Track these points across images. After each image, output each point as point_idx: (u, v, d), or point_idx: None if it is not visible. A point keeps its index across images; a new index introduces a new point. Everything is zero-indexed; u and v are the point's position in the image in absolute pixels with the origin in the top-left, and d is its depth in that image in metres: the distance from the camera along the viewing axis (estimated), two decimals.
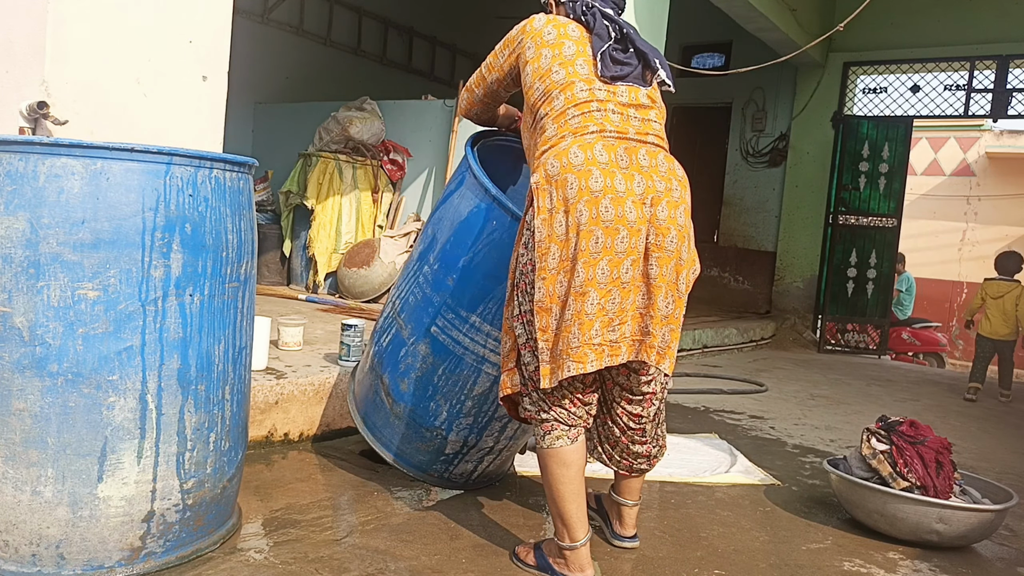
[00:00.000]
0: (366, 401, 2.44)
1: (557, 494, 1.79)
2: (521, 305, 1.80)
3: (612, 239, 1.68)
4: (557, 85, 1.82)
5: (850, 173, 7.50)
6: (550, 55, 1.86)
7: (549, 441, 1.79)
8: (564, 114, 1.79)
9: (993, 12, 6.97)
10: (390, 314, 2.37)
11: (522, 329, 1.80)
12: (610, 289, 1.69)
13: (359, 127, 5.47)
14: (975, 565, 2.19)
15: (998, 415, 4.74)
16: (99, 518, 1.59)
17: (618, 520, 2.06)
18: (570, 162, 1.71)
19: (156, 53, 2.36)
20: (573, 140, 1.75)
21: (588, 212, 1.68)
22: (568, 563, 1.80)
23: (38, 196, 1.51)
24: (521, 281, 1.79)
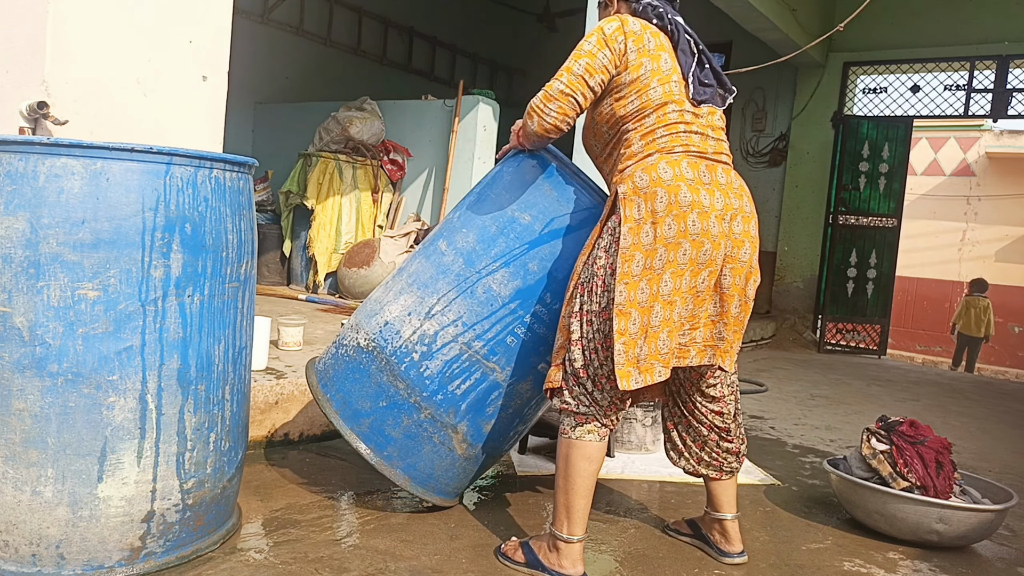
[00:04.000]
0: (413, 454, 2.06)
1: (572, 487, 1.81)
2: (584, 304, 1.83)
3: (697, 251, 1.78)
4: (653, 104, 1.85)
5: (850, 173, 7.50)
6: (650, 67, 1.85)
7: (580, 433, 1.82)
8: (653, 132, 1.85)
9: (993, 12, 6.97)
10: (464, 358, 2.01)
11: (577, 327, 1.83)
12: (688, 298, 1.81)
13: (359, 127, 5.47)
14: (975, 565, 2.19)
15: (998, 415, 4.74)
16: (99, 518, 1.59)
17: (723, 537, 2.03)
18: (659, 176, 1.79)
19: (156, 53, 2.36)
20: (660, 157, 1.83)
21: (677, 225, 1.76)
22: (562, 556, 1.82)
23: (38, 196, 1.51)
24: (591, 282, 1.82)
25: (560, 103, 1.86)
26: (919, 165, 13.42)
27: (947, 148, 13.47)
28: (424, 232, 5.54)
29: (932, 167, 13.60)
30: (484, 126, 5.43)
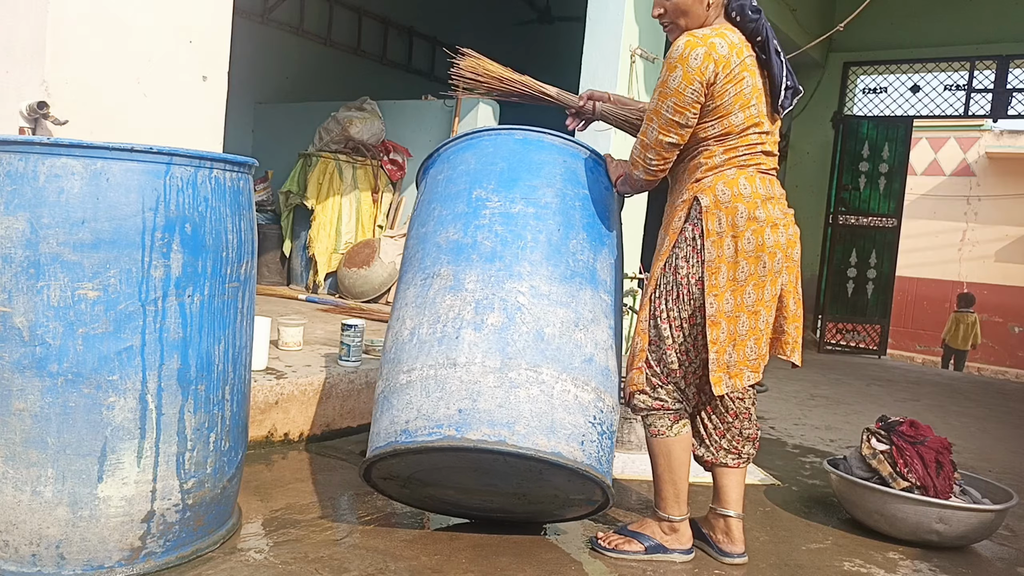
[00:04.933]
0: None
1: (679, 476, 1.98)
2: (671, 311, 1.94)
3: (772, 261, 1.91)
4: (736, 129, 1.90)
5: (850, 173, 7.50)
6: (732, 93, 1.86)
7: (677, 429, 1.99)
8: (735, 149, 1.92)
9: (993, 12, 6.97)
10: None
11: (669, 332, 1.94)
12: (772, 306, 1.96)
13: (359, 127, 5.47)
14: (975, 565, 2.19)
15: (998, 415, 4.74)
16: (99, 518, 1.59)
17: (726, 536, 2.05)
18: (740, 192, 1.89)
19: (156, 53, 2.36)
20: (739, 172, 1.91)
21: (755, 240, 1.88)
22: (680, 535, 2.01)
23: (38, 196, 1.51)
24: (676, 289, 1.93)
25: (657, 151, 1.92)
26: (919, 165, 13.41)
27: (947, 148, 13.47)
28: None
29: (932, 167, 13.60)
30: (484, 126, 5.43)
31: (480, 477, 1.89)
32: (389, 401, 1.88)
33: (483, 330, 1.81)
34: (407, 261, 2.08)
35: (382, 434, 1.86)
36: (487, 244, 1.91)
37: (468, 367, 1.78)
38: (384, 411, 1.89)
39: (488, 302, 1.84)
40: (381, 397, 1.93)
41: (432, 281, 1.92)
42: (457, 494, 2.01)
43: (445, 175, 2.11)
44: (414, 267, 2.01)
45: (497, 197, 1.97)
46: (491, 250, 1.90)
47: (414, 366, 1.84)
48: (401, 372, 1.87)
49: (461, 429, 1.73)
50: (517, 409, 1.75)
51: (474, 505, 2.07)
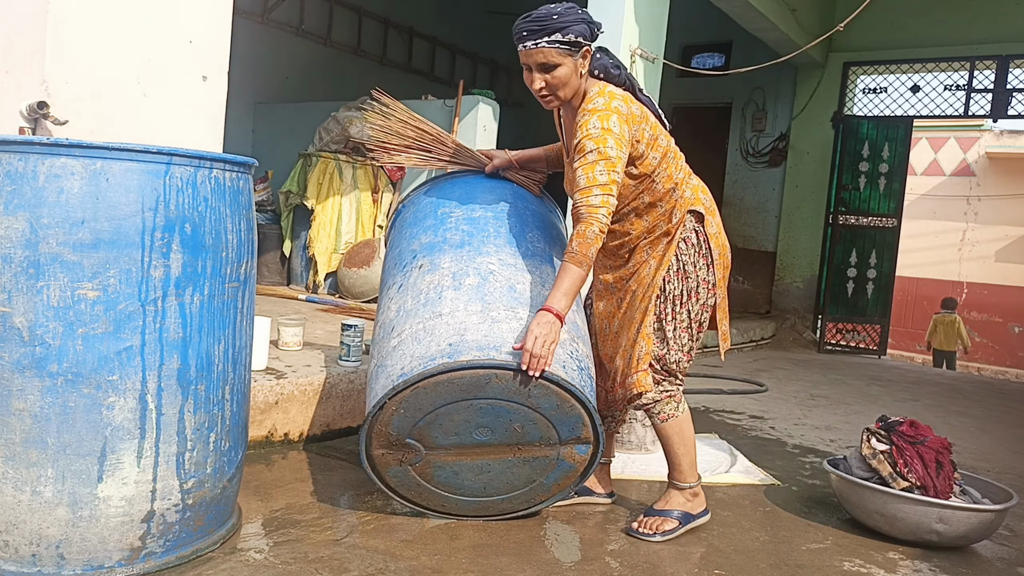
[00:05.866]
0: None
1: (690, 444, 2.21)
2: (691, 312, 2.16)
3: (727, 253, 2.24)
4: (670, 149, 2.13)
5: (850, 173, 7.50)
6: (647, 126, 2.06)
7: (683, 408, 2.21)
8: (678, 164, 2.15)
9: (993, 12, 6.97)
10: None
11: (674, 333, 2.15)
12: None
13: (359, 127, 5.47)
14: (975, 565, 2.19)
15: (998, 415, 4.74)
16: (99, 518, 1.59)
17: (602, 482, 2.38)
18: (710, 199, 2.21)
19: (156, 53, 2.36)
20: (695, 181, 2.20)
21: (722, 236, 2.22)
22: (698, 499, 2.22)
23: (38, 196, 1.51)
24: (686, 293, 2.14)
25: (607, 205, 1.92)
26: (919, 165, 13.41)
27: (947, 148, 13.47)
28: None
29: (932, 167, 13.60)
30: (484, 126, 5.43)
31: (475, 421, 1.97)
32: (383, 366, 2.00)
33: (462, 289, 2.03)
34: (386, 276, 2.31)
35: (378, 390, 1.97)
36: (456, 238, 2.16)
37: (452, 314, 1.97)
38: (378, 375, 2.01)
39: (463, 272, 2.06)
40: (374, 370, 2.06)
41: (411, 272, 2.14)
42: (455, 461, 2.02)
43: (411, 211, 2.39)
44: (393, 272, 2.25)
45: (460, 209, 2.25)
46: (460, 240, 2.15)
47: (403, 329, 2.01)
48: (391, 338, 2.03)
49: (453, 356, 1.89)
50: (501, 337, 1.92)
51: (470, 493, 2.09)
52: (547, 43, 1.96)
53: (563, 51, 1.97)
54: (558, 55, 1.97)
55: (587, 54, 2.02)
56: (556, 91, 2.02)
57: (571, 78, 2.00)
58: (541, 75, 2.00)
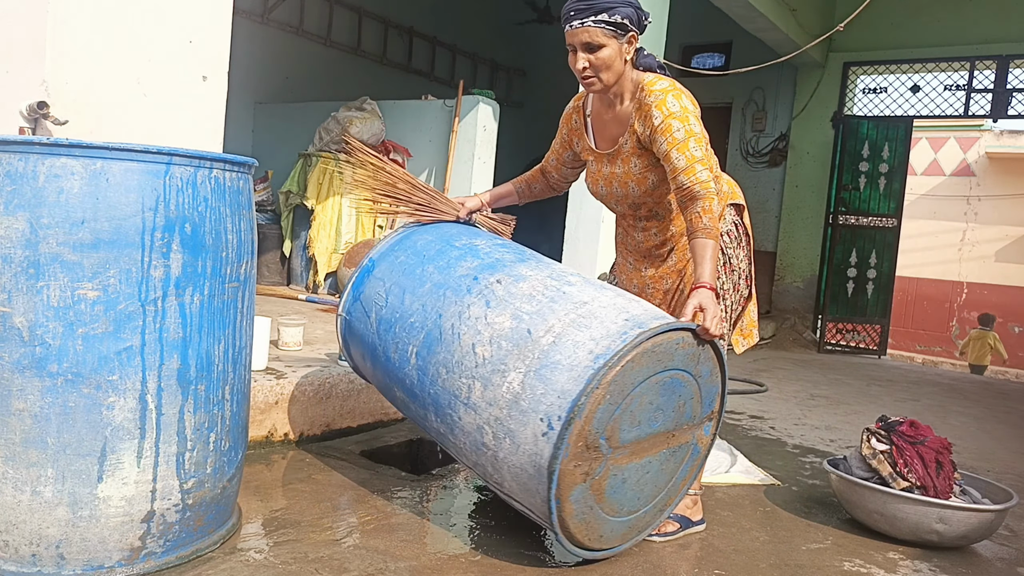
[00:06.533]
0: None
1: None
2: (734, 307, 2.23)
3: None
4: (707, 141, 2.17)
5: (850, 173, 7.50)
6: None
7: None
8: (715, 160, 2.15)
9: (993, 12, 6.98)
10: None
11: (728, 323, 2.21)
12: None
13: (359, 127, 5.47)
14: (975, 565, 2.19)
15: (998, 415, 4.74)
16: (99, 518, 1.59)
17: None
18: (741, 193, 2.31)
19: (156, 53, 2.36)
20: (726, 178, 2.28)
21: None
22: (697, 507, 2.21)
23: (38, 196, 1.51)
24: (732, 283, 2.22)
25: (714, 182, 2.02)
26: (919, 165, 13.40)
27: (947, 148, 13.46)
28: None
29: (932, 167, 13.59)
30: (484, 126, 5.43)
31: (656, 402, 1.84)
32: (548, 364, 1.77)
33: (576, 285, 1.99)
34: (433, 309, 2.02)
35: (568, 382, 1.71)
36: (509, 256, 2.11)
37: (596, 300, 1.90)
38: (550, 374, 1.75)
39: (557, 274, 2.05)
40: (529, 378, 1.78)
41: (487, 289, 1.98)
42: (627, 463, 1.85)
43: (404, 255, 2.20)
44: (443, 303, 2.01)
45: (479, 239, 2.20)
46: (516, 257, 2.11)
47: (548, 326, 1.83)
48: (539, 338, 1.82)
49: (642, 325, 1.79)
50: (656, 311, 1.92)
51: (625, 510, 1.91)
52: (593, 22, 1.96)
53: (608, 32, 1.97)
54: (603, 36, 1.97)
55: (633, 40, 2.03)
56: (599, 72, 2.02)
57: (615, 61, 2.00)
58: (585, 55, 2.01)
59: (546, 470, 1.71)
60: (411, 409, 2.12)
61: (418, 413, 2.09)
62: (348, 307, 2.26)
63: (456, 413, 1.91)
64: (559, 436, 1.69)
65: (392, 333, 2.09)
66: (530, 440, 1.74)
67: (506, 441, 1.79)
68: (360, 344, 2.23)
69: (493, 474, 1.88)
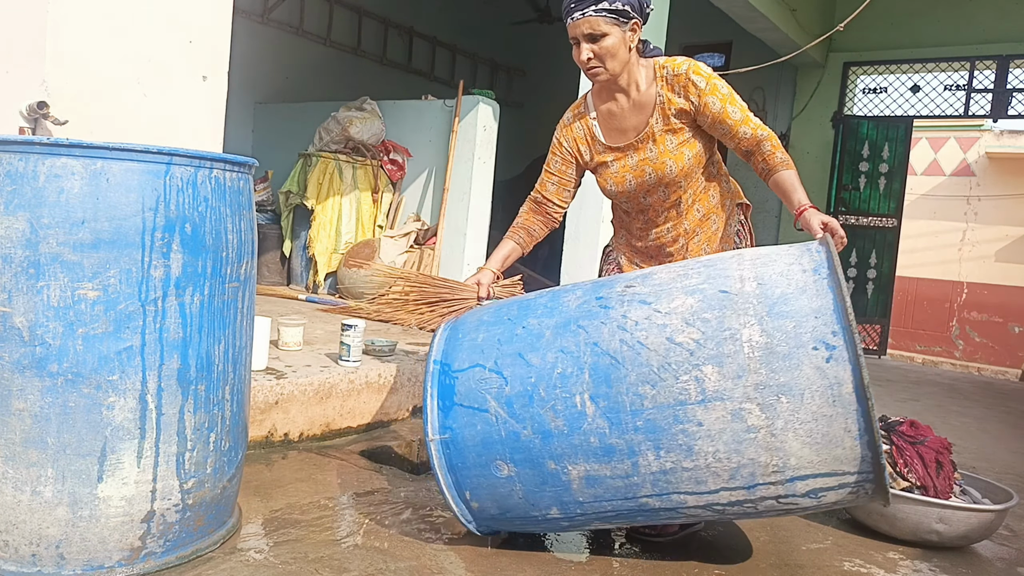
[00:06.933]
0: None
1: None
2: None
3: None
4: None
5: (850, 173, 7.50)
6: None
7: None
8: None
9: (993, 12, 6.97)
10: None
11: None
12: None
13: (359, 127, 5.47)
14: (975, 565, 2.19)
15: (998, 415, 4.74)
16: (99, 518, 1.59)
17: None
18: None
19: (156, 53, 2.36)
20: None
21: None
22: None
23: (38, 196, 1.51)
24: None
25: None
26: (919, 165, 13.40)
27: (947, 148, 13.45)
28: (424, 232, 5.54)
29: (932, 167, 13.58)
30: (484, 126, 5.43)
31: None
32: (769, 296, 1.64)
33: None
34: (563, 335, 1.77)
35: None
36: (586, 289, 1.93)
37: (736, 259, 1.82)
38: None
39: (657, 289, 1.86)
40: None
41: (626, 300, 1.77)
42: None
43: (481, 333, 1.90)
44: (581, 324, 1.76)
45: (538, 297, 1.96)
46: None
47: (736, 274, 1.73)
48: (738, 283, 1.69)
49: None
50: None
51: None
52: (593, 11, 1.96)
53: (610, 20, 1.97)
54: (605, 24, 1.97)
55: (636, 27, 2.02)
56: (605, 62, 2.02)
57: (619, 49, 2.00)
58: (588, 45, 2.00)
59: (854, 393, 1.54)
60: (603, 483, 1.70)
61: (617, 476, 1.68)
62: (441, 422, 1.80)
63: (692, 422, 1.62)
64: (848, 347, 1.56)
65: (536, 401, 1.72)
66: (813, 377, 1.56)
67: (781, 401, 1.57)
68: (486, 453, 1.76)
69: (770, 462, 1.60)
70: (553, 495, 1.75)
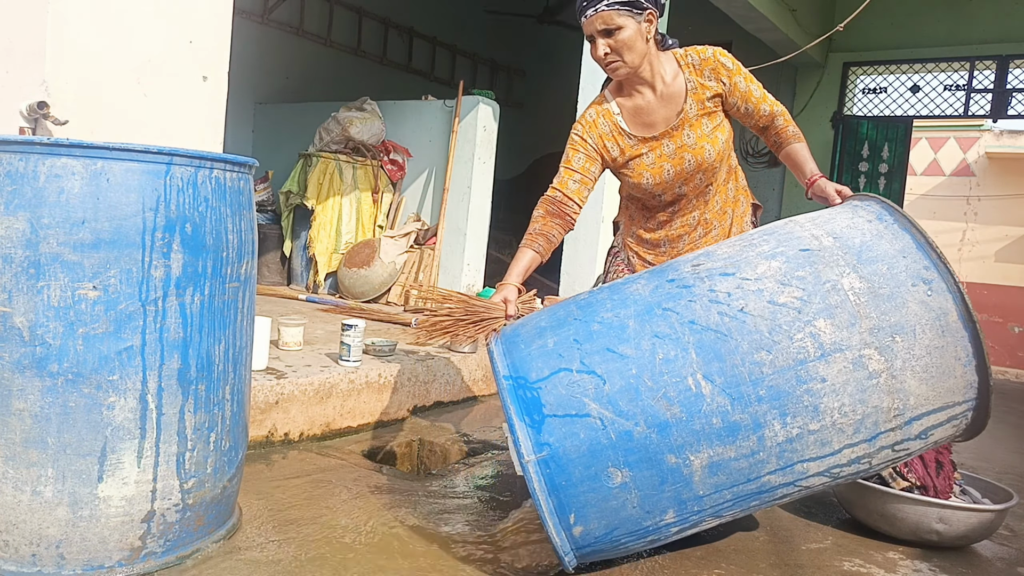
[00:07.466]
0: None
1: None
2: None
3: None
4: None
5: (850, 173, 7.50)
6: None
7: None
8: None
9: (993, 12, 6.98)
10: None
11: None
12: None
13: (359, 127, 5.47)
14: (975, 565, 2.19)
15: (998, 415, 4.74)
16: (99, 518, 1.59)
17: None
18: None
19: (156, 53, 2.36)
20: None
21: None
22: None
23: (38, 196, 1.51)
24: None
25: None
26: (919, 165, 13.40)
27: (947, 148, 13.46)
28: (424, 232, 5.54)
29: (932, 167, 13.59)
30: (484, 126, 5.43)
31: None
32: (852, 244, 1.69)
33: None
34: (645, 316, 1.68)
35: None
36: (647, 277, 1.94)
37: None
38: None
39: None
40: None
41: (699, 282, 1.72)
42: None
43: (551, 336, 1.76)
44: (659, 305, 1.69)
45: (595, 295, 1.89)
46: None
47: (810, 232, 1.79)
48: (814, 240, 1.73)
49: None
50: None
51: None
52: (606, 6, 1.96)
53: (623, 12, 1.97)
54: (619, 16, 1.97)
55: (652, 18, 2.02)
56: (622, 54, 2.01)
57: (636, 41, 1.99)
58: (604, 40, 2.00)
59: (960, 320, 1.56)
60: (727, 468, 1.58)
61: (742, 456, 1.58)
62: (535, 441, 1.61)
63: (815, 379, 1.55)
64: (944, 278, 1.58)
65: (644, 392, 1.58)
66: (919, 312, 1.57)
67: (896, 340, 1.55)
68: (594, 463, 1.58)
69: (891, 406, 1.56)
70: (672, 494, 1.60)
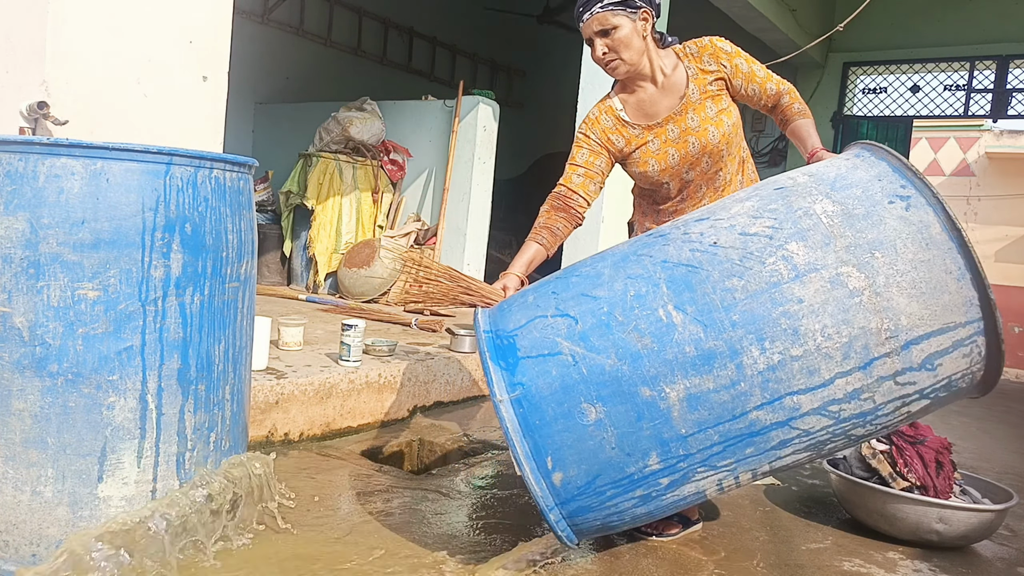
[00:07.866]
0: None
1: None
2: None
3: None
4: None
5: None
6: None
7: None
8: None
9: (993, 12, 6.98)
10: None
11: None
12: None
13: (359, 127, 5.47)
14: (975, 565, 2.19)
15: (998, 415, 4.74)
16: (99, 518, 1.59)
17: None
18: None
19: (156, 53, 2.36)
20: None
21: None
22: (695, 507, 2.16)
23: (38, 196, 1.51)
24: None
25: None
26: (919, 165, 13.39)
27: (947, 148, 13.46)
28: (424, 232, 5.54)
29: (932, 167, 13.59)
30: (484, 126, 5.44)
31: None
32: (826, 174, 1.71)
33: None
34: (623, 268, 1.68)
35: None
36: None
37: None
38: None
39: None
40: None
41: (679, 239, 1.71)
42: None
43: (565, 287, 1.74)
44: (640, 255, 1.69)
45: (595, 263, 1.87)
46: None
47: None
48: (787, 180, 1.75)
49: None
50: None
51: None
52: (600, 7, 1.99)
53: (618, 11, 1.99)
54: (614, 16, 1.99)
55: (647, 16, 2.04)
56: (620, 53, 2.03)
57: (633, 39, 2.02)
58: (602, 40, 2.02)
59: (944, 231, 1.53)
60: (707, 402, 1.52)
61: (722, 387, 1.51)
62: (508, 381, 1.60)
63: (791, 300, 1.51)
64: (922, 192, 1.56)
65: (615, 327, 1.56)
66: (899, 227, 1.54)
67: (876, 256, 1.52)
68: (567, 399, 1.56)
69: (881, 327, 1.50)
70: (652, 433, 1.53)
